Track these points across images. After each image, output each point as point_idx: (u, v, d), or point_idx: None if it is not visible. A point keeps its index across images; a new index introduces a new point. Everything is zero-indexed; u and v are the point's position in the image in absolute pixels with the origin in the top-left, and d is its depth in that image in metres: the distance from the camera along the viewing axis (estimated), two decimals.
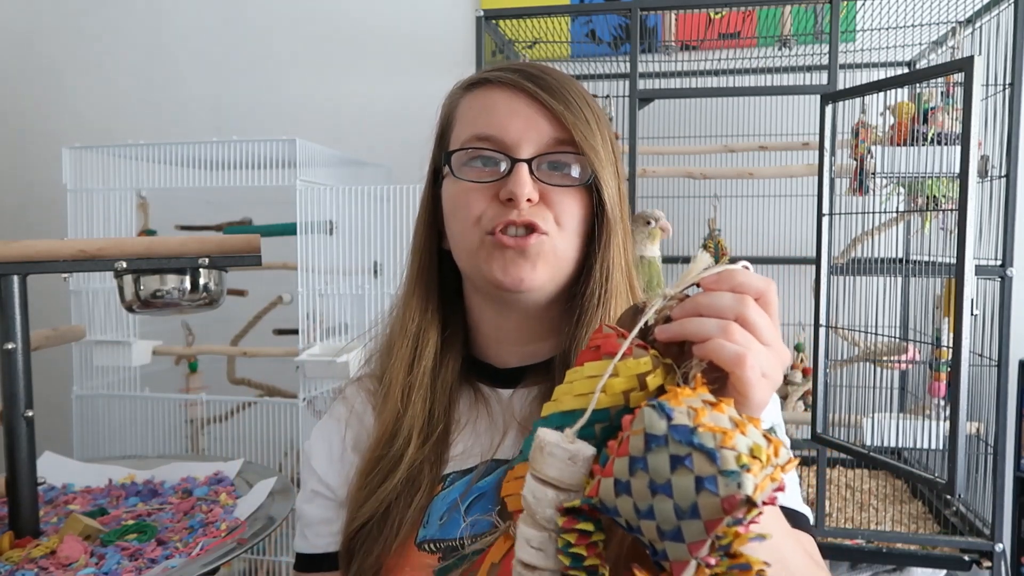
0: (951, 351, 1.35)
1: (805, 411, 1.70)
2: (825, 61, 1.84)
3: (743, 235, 2.06)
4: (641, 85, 1.77)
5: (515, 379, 0.73)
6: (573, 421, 0.45)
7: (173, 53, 2.47)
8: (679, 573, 0.38)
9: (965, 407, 1.31)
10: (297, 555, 0.77)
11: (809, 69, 1.99)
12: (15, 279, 1.01)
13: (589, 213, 0.68)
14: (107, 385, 1.89)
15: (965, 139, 1.26)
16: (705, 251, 0.49)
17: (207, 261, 1.04)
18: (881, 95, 1.48)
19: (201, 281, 1.07)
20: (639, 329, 0.46)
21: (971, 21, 1.68)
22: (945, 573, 1.63)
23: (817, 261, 1.52)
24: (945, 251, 1.52)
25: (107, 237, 1.75)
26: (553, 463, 0.44)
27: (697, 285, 0.48)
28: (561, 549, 0.43)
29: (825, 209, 1.51)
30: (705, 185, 1.99)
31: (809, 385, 1.65)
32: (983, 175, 1.54)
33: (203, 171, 1.77)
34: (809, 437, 1.55)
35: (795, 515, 0.65)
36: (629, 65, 1.67)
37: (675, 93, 1.96)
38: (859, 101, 1.53)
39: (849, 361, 1.73)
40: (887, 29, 1.83)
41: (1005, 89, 1.51)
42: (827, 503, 1.75)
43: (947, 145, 1.42)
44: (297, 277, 1.70)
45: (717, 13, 2.01)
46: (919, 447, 1.50)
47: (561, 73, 0.70)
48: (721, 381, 0.46)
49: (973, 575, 1.56)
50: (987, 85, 1.53)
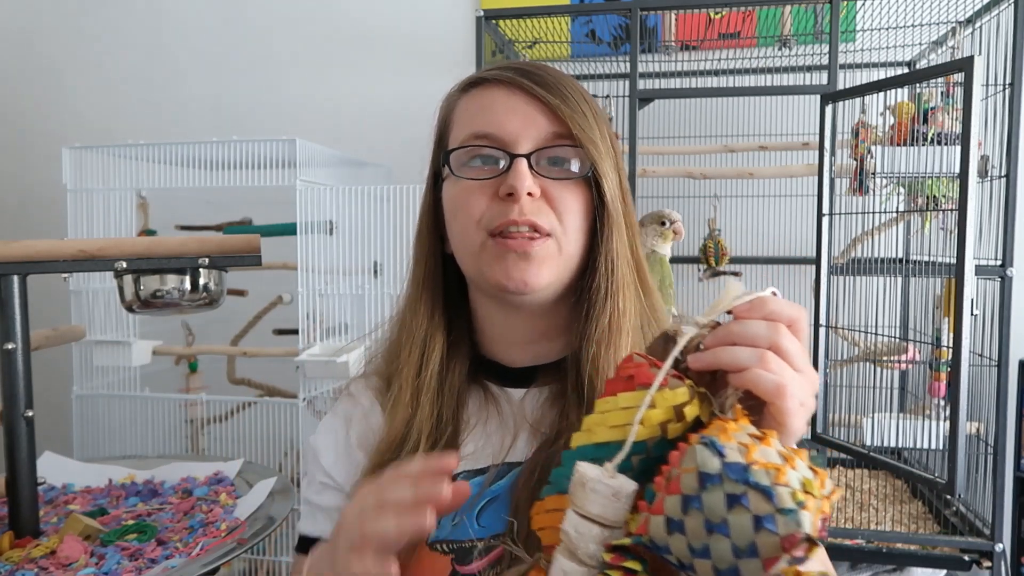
0: (951, 351, 1.35)
1: None
2: (825, 61, 1.84)
3: (743, 235, 2.06)
4: (641, 85, 1.77)
5: (525, 378, 0.72)
6: (608, 453, 0.44)
7: (173, 53, 2.47)
8: None
9: (965, 407, 1.31)
10: (302, 537, 0.75)
11: (809, 69, 1.99)
12: (15, 279, 1.01)
13: (590, 207, 0.68)
14: (107, 385, 1.89)
15: (965, 139, 1.26)
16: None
17: (207, 261, 1.04)
18: (881, 95, 1.48)
19: (201, 281, 1.07)
20: (673, 355, 0.46)
21: (971, 21, 1.68)
22: (945, 573, 1.63)
23: (817, 261, 1.52)
24: (945, 251, 1.52)
25: (107, 237, 1.76)
26: (596, 499, 0.43)
27: (728, 312, 0.48)
28: None
29: (825, 209, 1.51)
30: (705, 185, 1.99)
31: None
32: (983, 175, 1.53)
33: (203, 171, 1.77)
34: (809, 437, 1.55)
35: None
36: (629, 65, 1.67)
37: (675, 93, 1.96)
38: (859, 101, 1.53)
39: (849, 361, 1.73)
40: (887, 29, 1.83)
41: (1005, 89, 1.51)
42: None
43: (947, 145, 1.42)
44: (297, 277, 1.70)
45: (717, 13, 2.01)
46: (919, 447, 1.50)
47: (557, 70, 0.70)
48: (755, 410, 0.45)
49: (973, 575, 1.56)
50: (987, 85, 1.53)
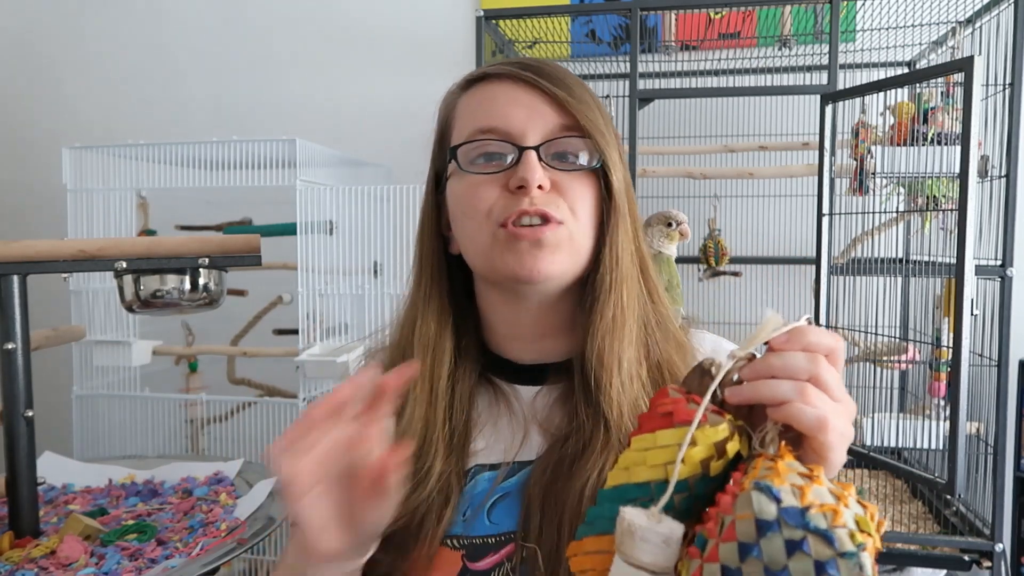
0: (951, 351, 1.35)
1: None
2: (825, 61, 1.84)
3: (743, 235, 2.06)
4: (641, 85, 1.77)
5: (534, 376, 0.72)
6: (646, 493, 0.44)
7: (173, 53, 2.47)
8: None
9: (965, 407, 1.31)
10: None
11: (809, 69, 1.99)
12: (15, 279, 1.01)
13: (598, 199, 0.67)
14: (107, 385, 1.89)
15: (965, 139, 1.26)
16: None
17: (207, 261, 1.04)
18: (881, 95, 1.48)
19: (201, 281, 1.07)
20: (711, 390, 0.45)
21: (971, 21, 1.68)
22: (945, 573, 1.63)
23: (817, 261, 1.52)
24: (945, 251, 1.52)
25: (107, 237, 1.76)
26: (647, 548, 0.42)
27: (764, 344, 0.47)
28: None
29: (825, 209, 1.51)
30: (705, 185, 1.99)
31: None
32: (983, 175, 1.53)
33: (203, 171, 1.77)
34: None
35: None
36: (629, 65, 1.67)
37: (675, 93, 1.96)
38: (859, 101, 1.53)
39: (849, 361, 1.72)
40: (887, 29, 1.83)
41: (1005, 89, 1.51)
42: None
43: (947, 145, 1.42)
44: (297, 277, 1.71)
45: (717, 13, 2.01)
46: (919, 447, 1.50)
47: (558, 65, 0.70)
48: (794, 441, 0.45)
49: (973, 575, 1.56)
50: (987, 85, 1.53)
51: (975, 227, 1.31)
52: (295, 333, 1.76)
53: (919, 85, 1.48)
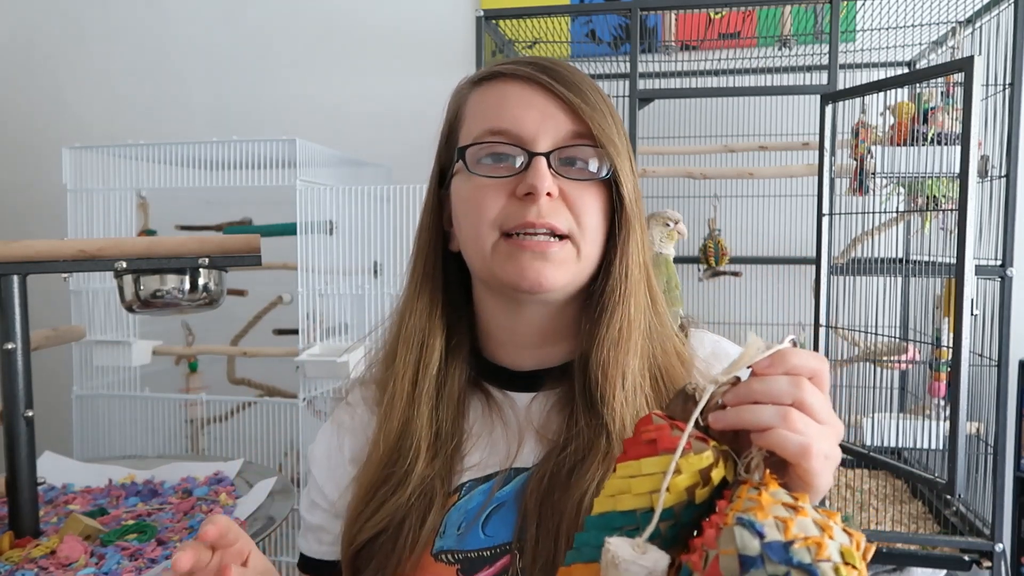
0: (951, 351, 1.35)
1: None
2: (825, 61, 1.84)
3: (743, 235, 2.06)
4: (641, 85, 1.77)
5: (530, 383, 0.70)
6: (632, 521, 0.44)
7: (173, 53, 2.47)
8: None
9: (965, 407, 1.31)
10: (300, 554, 0.76)
11: (809, 69, 1.99)
12: (15, 279, 1.01)
13: (608, 208, 0.66)
14: (107, 385, 1.89)
15: (965, 139, 1.26)
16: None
17: (207, 261, 1.04)
18: (881, 95, 1.48)
19: (201, 281, 1.07)
20: (694, 417, 0.45)
21: (971, 21, 1.68)
22: (945, 573, 1.63)
23: (817, 261, 1.52)
24: (945, 251, 1.52)
25: (107, 237, 1.76)
26: None
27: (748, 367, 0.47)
28: None
29: (825, 209, 1.51)
30: (705, 185, 1.99)
31: None
32: (983, 175, 1.53)
33: (203, 171, 1.77)
34: None
35: None
36: (629, 65, 1.67)
37: (675, 93, 1.96)
38: (859, 101, 1.53)
39: (849, 361, 1.73)
40: (887, 29, 1.83)
41: (1005, 89, 1.51)
42: (827, 503, 1.75)
43: (947, 145, 1.42)
44: (297, 277, 1.70)
45: (717, 13, 2.01)
46: (919, 447, 1.50)
47: (572, 65, 0.68)
48: (780, 464, 0.44)
49: (973, 575, 1.56)
50: (987, 85, 1.53)
51: (975, 227, 1.31)
52: (295, 333, 1.76)
53: (919, 85, 1.48)
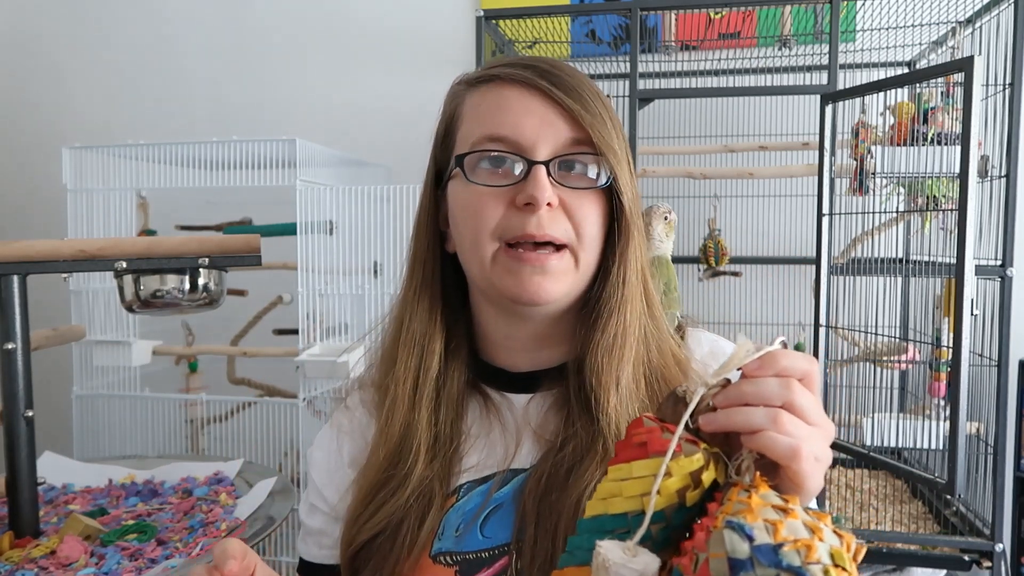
0: (951, 351, 1.35)
1: None
2: (825, 61, 1.84)
3: (743, 235, 2.06)
4: (641, 85, 1.77)
5: (527, 384, 0.70)
6: (624, 524, 0.44)
7: (173, 53, 2.47)
8: None
9: (965, 407, 1.31)
10: (300, 559, 0.76)
11: (809, 69, 1.99)
12: (15, 279, 1.01)
13: (607, 216, 0.66)
14: (107, 385, 1.89)
15: (965, 139, 1.26)
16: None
17: (207, 261, 1.04)
18: (881, 95, 1.48)
19: (201, 281, 1.07)
20: (684, 420, 0.45)
21: (971, 21, 1.68)
22: (945, 573, 1.63)
23: (817, 261, 1.52)
24: (945, 251, 1.52)
25: (107, 237, 1.76)
26: None
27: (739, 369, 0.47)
28: None
29: (825, 209, 1.51)
30: (705, 185, 1.99)
31: None
32: (983, 175, 1.53)
33: (203, 171, 1.76)
34: None
35: None
36: (629, 65, 1.67)
37: (675, 93, 1.96)
38: (859, 101, 1.53)
39: (849, 361, 1.73)
40: (887, 29, 1.83)
41: (1005, 89, 1.51)
42: (827, 503, 1.75)
43: (947, 145, 1.42)
44: (297, 277, 1.70)
45: (717, 13, 2.01)
46: (919, 447, 1.50)
47: (572, 68, 0.67)
48: (771, 466, 0.44)
49: (973, 575, 1.56)
50: (987, 85, 1.53)
51: (975, 227, 1.31)
52: (295, 333, 1.76)
53: (919, 85, 1.48)
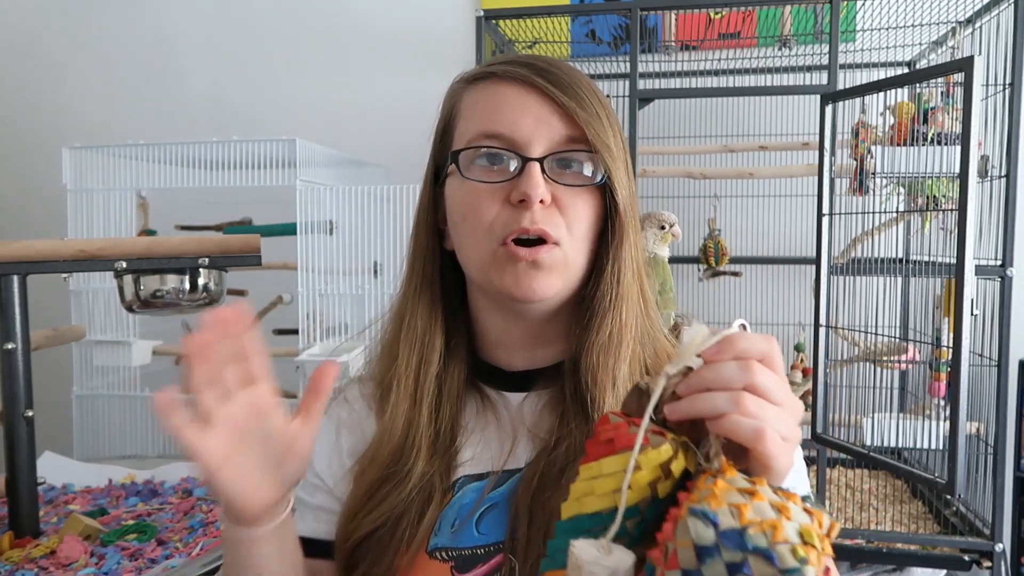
0: (951, 351, 1.35)
1: (805, 411, 1.70)
2: (825, 61, 1.84)
3: (743, 235, 2.06)
4: (641, 85, 1.77)
5: (523, 383, 0.71)
6: (600, 522, 0.44)
7: (173, 53, 2.47)
8: None
9: (965, 407, 1.31)
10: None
11: (809, 69, 1.99)
12: (15, 279, 1.01)
13: (601, 213, 0.66)
14: (107, 385, 1.89)
15: (965, 139, 1.26)
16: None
17: (207, 261, 1.04)
18: (881, 95, 1.48)
19: (201, 281, 1.07)
20: (648, 412, 0.45)
21: (971, 21, 1.68)
22: (945, 573, 1.63)
23: (817, 261, 1.52)
24: (945, 251, 1.52)
25: (107, 237, 1.76)
26: None
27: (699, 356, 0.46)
28: None
29: (825, 209, 1.51)
30: (705, 185, 1.99)
31: (809, 385, 1.65)
32: (983, 175, 1.53)
33: (203, 171, 1.76)
34: (809, 437, 1.55)
35: None
36: (629, 65, 1.67)
37: (675, 93, 1.96)
38: (859, 101, 1.53)
39: (849, 361, 1.73)
40: (887, 29, 1.83)
41: (1005, 89, 1.51)
42: (827, 503, 1.75)
43: (947, 145, 1.42)
44: (297, 277, 1.70)
45: (717, 13, 2.01)
46: (919, 447, 1.50)
47: (569, 66, 0.67)
48: (741, 451, 0.44)
49: (973, 575, 1.56)
50: (987, 85, 1.53)
51: (975, 227, 1.31)
52: (295, 333, 1.76)
53: (919, 85, 1.48)
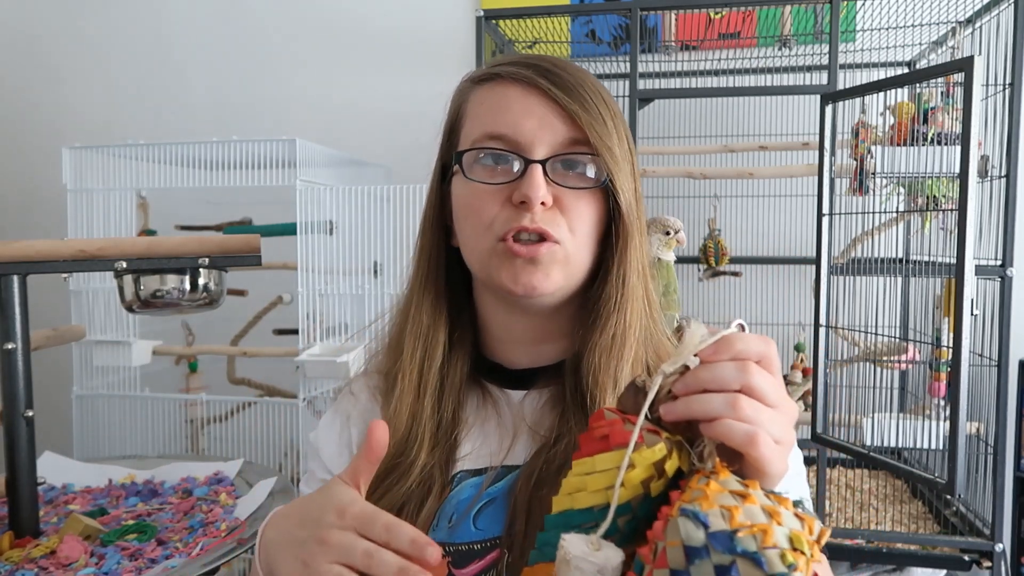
0: (951, 351, 1.35)
1: (805, 411, 1.70)
2: (825, 61, 1.84)
3: (743, 235, 2.06)
4: (641, 85, 1.77)
5: (525, 380, 0.72)
6: (591, 518, 0.44)
7: (173, 53, 2.47)
8: None
9: (965, 407, 1.31)
10: None
11: (809, 69, 1.99)
12: (15, 279, 1.01)
13: (604, 215, 0.66)
14: (107, 385, 1.89)
15: (965, 139, 1.26)
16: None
17: (207, 261, 1.04)
18: (881, 95, 1.48)
19: (201, 281, 1.07)
20: (644, 411, 0.45)
21: (971, 21, 1.68)
22: (945, 573, 1.63)
23: (817, 261, 1.52)
24: (945, 251, 1.52)
25: (107, 237, 1.75)
26: None
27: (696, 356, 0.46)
28: None
29: (825, 209, 1.51)
30: (705, 185, 1.99)
31: (809, 385, 1.65)
32: (983, 175, 1.53)
33: (203, 171, 1.76)
34: (809, 437, 1.55)
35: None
36: (629, 65, 1.67)
37: (675, 93, 1.96)
38: (859, 101, 1.53)
39: (849, 361, 1.73)
40: (887, 29, 1.83)
41: (1005, 89, 1.51)
42: (827, 503, 1.75)
43: (947, 145, 1.42)
44: (297, 277, 1.70)
45: (717, 13, 2.01)
46: (919, 447, 1.50)
47: (576, 67, 0.68)
48: (733, 450, 0.44)
49: (973, 575, 1.56)
50: (987, 85, 1.53)
51: (975, 227, 1.31)
52: (295, 333, 1.76)
53: (919, 85, 1.48)
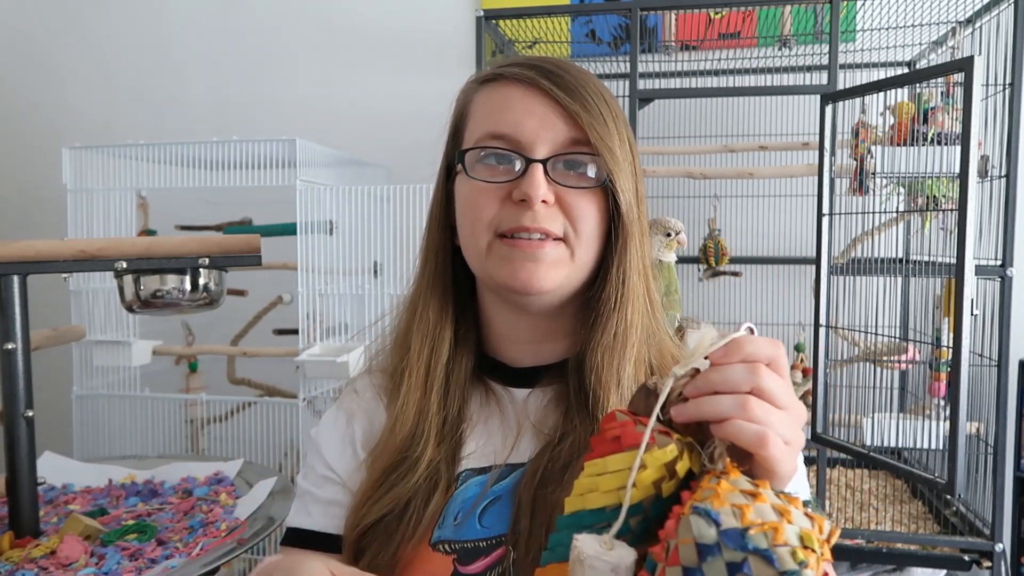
0: (951, 351, 1.35)
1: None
2: (825, 61, 1.84)
3: (743, 235, 2.06)
4: (641, 85, 1.77)
5: (528, 379, 0.72)
6: (603, 518, 0.44)
7: (173, 53, 2.47)
8: None
9: (965, 407, 1.31)
10: (292, 530, 0.73)
11: (809, 69, 1.99)
12: (15, 279, 1.01)
13: (605, 215, 0.67)
14: (107, 385, 1.89)
15: (965, 139, 1.26)
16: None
17: (207, 261, 1.04)
18: (881, 95, 1.48)
19: (201, 281, 1.07)
20: (655, 412, 0.45)
21: (971, 21, 1.68)
22: (945, 573, 1.63)
23: (817, 261, 1.52)
24: (945, 251, 1.52)
25: (107, 237, 1.76)
26: None
27: (706, 358, 0.47)
28: None
29: (825, 209, 1.51)
30: (705, 185, 1.99)
31: (809, 385, 1.65)
32: (983, 175, 1.53)
33: (203, 171, 1.76)
34: (809, 437, 1.55)
35: None
36: (629, 65, 1.67)
37: (675, 93, 1.96)
38: (859, 101, 1.53)
39: (849, 361, 1.73)
40: (887, 29, 1.83)
41: (1005, 89, 1.51)
42: (827, 503, 1.75)
43: (947, 145, 1.42)
44: (297, 277, 1.70)
45: (717, 13, 2.01)
46: (919, 447, 1.50)
47: (578, 68, 0.68)
48: (744, 451, 0.45)
49: (973, 575, 1.56)
50: (987, 85, 1.53)
51: (975, 227, 1.31)
52: (295, 333, 1.76)
53: (919, 85, 1.48)
